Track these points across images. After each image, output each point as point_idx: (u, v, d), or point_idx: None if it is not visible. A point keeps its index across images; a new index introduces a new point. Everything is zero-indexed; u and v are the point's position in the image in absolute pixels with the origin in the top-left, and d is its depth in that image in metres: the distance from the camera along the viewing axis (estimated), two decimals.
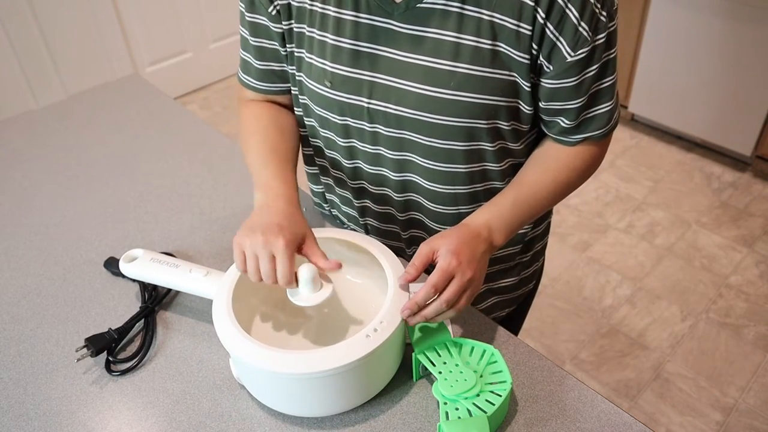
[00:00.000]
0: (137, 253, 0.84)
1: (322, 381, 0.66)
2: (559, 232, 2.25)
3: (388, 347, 0.67)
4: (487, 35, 0.69)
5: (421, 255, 0.70)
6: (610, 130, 0.78)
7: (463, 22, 0.69)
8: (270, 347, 0.65)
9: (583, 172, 0.81)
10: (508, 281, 0.96)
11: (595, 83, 0.73)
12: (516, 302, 1.01)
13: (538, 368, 0.75)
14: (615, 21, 0.70)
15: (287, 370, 0.64)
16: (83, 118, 1.27)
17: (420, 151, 0.79)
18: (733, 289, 2.02)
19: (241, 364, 0.69)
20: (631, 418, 0.70)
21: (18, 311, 0.86)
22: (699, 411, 1.67)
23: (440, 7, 0.69)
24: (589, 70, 0.71)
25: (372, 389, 0.72)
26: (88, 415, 0.72)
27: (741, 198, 2.37)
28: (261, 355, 0.65)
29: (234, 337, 0.67)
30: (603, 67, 0.72)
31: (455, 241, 0.70)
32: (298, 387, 0.67)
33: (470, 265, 0.69)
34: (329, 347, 0.65)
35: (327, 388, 0.67)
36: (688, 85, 2.45)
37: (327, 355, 0.65)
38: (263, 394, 0.71)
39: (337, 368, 0.64)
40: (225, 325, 0.69)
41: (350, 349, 0.65)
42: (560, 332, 1.91)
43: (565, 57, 0.69)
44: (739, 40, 2.24)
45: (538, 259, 1.00)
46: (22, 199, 1.06)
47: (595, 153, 0.80)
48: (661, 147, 2.65)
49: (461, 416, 0.65)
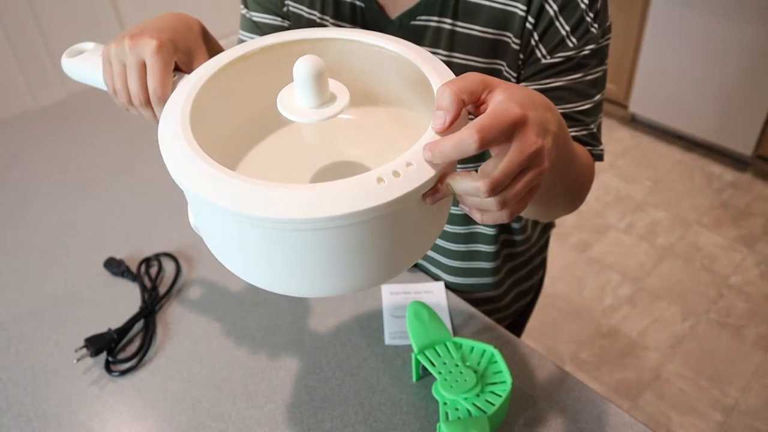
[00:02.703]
0: (87, 46, 0.64)
1: (294, 237, 0.43)
2: (559, 232, 2.25)
3: (410, 205, 0.44)
4: (479, 53, 0.67)
5: (467, 81, 0.43)
6: (599, 156, 0.69)
7: (454, 40, 0.67)
8: (233, 175, 0.43)
9: (589, 176, 0.69)
10: (496, 295, 0.94)
11: (568, 100, 0.65)
12: (512, 317, 1.00)
13: (538, 368, 0.75)
14: (607, 37, 0.66)
15: (245, 210, 0.41)
16: (83, 118, 1.27)
17: None
18: (734, 289, 2.02)
19: (192, 201, 0.48)
20: (632, 419, 0.69)
21: (18, 311, 0.86)
22: (699, 411, 1.67)
23: (434, 24, 0.67)
24: (563, 79, 0.65)
25: (385, 266, 0.47)
26: (88, 415, 0.72)
27: (741, 198, 2.37)
28: (215, 185, 0.42)
29: (183, 154, 0.45)
30: (580, 87, 0.65)
31: (521, 91, 0.44)
32: (259, 240, 0.44)
33: (540, 131, 0.43)
34: (311, 186, 0.42)
35: (302, 251, 0.44)
36: (688, 85, 2.45)
37: (304, 197, 0.41)
38: (221, 249, 0.50)
39: (316, 220, 0.40)
40: (173, 137, 0.46)
41: (347, 194, 0.41)
42: (560, 332, 1.91)
43: (540, 59, 0.65)
44: (739, 40, 2.23)
45: (536, 274, 0.98)
46: (22, 199, 1.06)
47: (591, 165, 0.70)
48: (662, 147, 2.65)
49: (461, 416, 0.65)
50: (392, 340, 0.79)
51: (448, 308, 0.83)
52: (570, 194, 0.66)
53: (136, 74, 0.54)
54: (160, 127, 0.49)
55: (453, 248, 0.86)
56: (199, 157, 0.44)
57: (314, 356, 0.78)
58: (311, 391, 0.74)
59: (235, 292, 0.87)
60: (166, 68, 0.54)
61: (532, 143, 0.42)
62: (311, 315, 0.83)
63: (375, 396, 0.73)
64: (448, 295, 0.85)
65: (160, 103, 0.54)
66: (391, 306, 0.83)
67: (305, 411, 0.72)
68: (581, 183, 0.66)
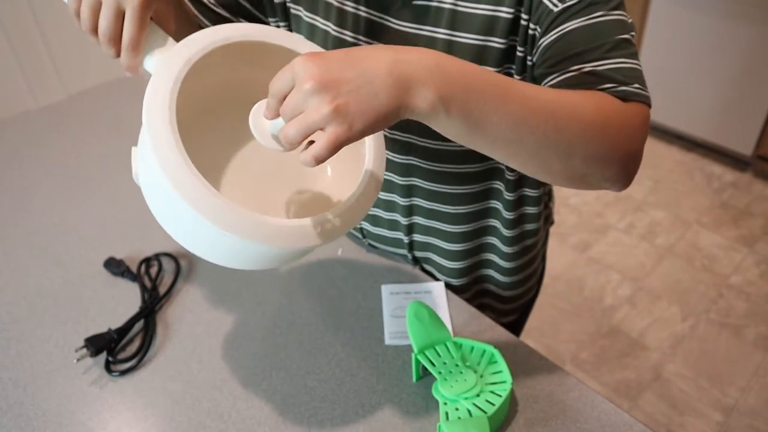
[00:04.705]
0: None
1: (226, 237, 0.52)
2: (559, 232, 2.25)
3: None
4: (479, 30, 0.67)
5: (274, 82, 0.50)
6: (628, 92, 0.58)
7: (456, 19, 0.67)
8: (204, 183, 0.50)
9: (595, 111, 0.56)
10: (496, 290, 0.94)
11: (595, 37, 0.60)
12: (511, 314, 1.00)
13: (538, 368, 0.75)
14: None
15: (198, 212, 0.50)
16: (83, 118, 1.27)
17: (420, 153, 0.78)
18: (734, 289, 2.02)
19: (142, 151, 0.55)
20: (632, 419, 0.69)
21: (18, 311, 0.86)
22: (699, 411, 1.67)
23: (435, 4, 0.67)
24: (581, 20, 0.60)
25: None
26: (88, 415, 0.72)
27: (741, 198, 2.37)
28: (184, 179, 0.50)
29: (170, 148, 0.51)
30: (603, 23, 0.59)
31: (327, 52, 0.49)
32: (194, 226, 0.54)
33: (325, 70, 0.46)
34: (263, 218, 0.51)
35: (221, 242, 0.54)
36: (688, 85, 2.45)
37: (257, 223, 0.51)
38: (157, 210, 0.59)
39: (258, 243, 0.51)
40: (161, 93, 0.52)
41: (292, 231, 0.52)
42: (560, 332, 1.91)
43: (551, 9, 0.61)
44: (739, 40, 2.24)
45: (534, 272, 0.98)
46: (22, 199, 1.06)
47: (608, 106, 0.57)
48: (661, 147, 2.65)
49: (461, 416, 0.65)
50: (392, 340, 0.79)
51: (448, 308, 0.83)
52: (558, 135, 0.54)
53: (111, 15, 0.53)
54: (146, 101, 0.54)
55: (462, 230, 0.86)
56: (189, 168, 0.50)
57: (314, 356, 0.78)
58: (311, 391, 0.74)
59: (235, 292, 0.87)
60: (142, 20, 0.54)
61: (307, 86, 0.46)
62: (311, 315, 0.83)
63: (375, 396, 0.73)
64: (448, 295, 0.85)
65: (130, 53, 0.54)
66: (391, 306, 0.83)
67: (305, 411, 0.72)
68: (563, 119, 0.54)
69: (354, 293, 0.86)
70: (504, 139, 0.53)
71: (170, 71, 0.53)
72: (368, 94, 0.47)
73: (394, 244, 0.91)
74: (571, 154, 0.56)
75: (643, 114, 0.58)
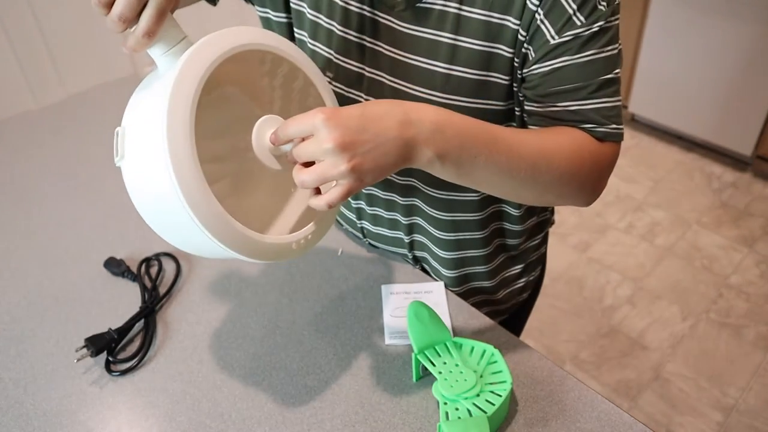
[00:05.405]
0: None
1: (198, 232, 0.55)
2: (559, 232, 2.25)
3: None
4: (483, 37, 0.67)
5: (292, 124, 0.57)
6: (604, 133, 0.67)
7: (460, 23, 0.68)
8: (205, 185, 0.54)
9: (570, 159, 0.65)
10: (489, 285, 0.94)
11: (584, 76, 0.65)
12: (508, 312, 0.99)
13: (538, 368, 0.75)
14: (616, 16, 0.65)
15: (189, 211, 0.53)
16: (83, 118, 1.27)
17: (421, 174, 0.79)
18: (734, 289, 2.02)
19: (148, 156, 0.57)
20: (631, 419, 0.69)
21: (18, 311, 0.86)
22: (699, 411, 1.67)
23: (439, 7, 0.68)
24: (574, 57, 0.64)
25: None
26: (88, 415, 0.72)
27: (741, 198, 2.37)
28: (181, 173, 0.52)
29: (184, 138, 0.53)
30: (593, 62, 0.64)
31: (345, 110, 0.55)
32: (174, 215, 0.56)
33: (345, 132, 0.53)
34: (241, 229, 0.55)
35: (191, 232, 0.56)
36: (688, 85, 2.45)
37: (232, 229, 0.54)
38: (132, 189, 0.64)
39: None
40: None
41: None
42: (560, 332, 1.91)
43: (548, 40, 0.64)
44: (739, 40, 2.24)
45: (533, 270, 0.98)
46: (22, 199, 1.06)
47: (585, 148, 0.66)
48: (661, 147, 2.65)
49: (461, 416, 0.65)
50: (392, 340, 0.79)
51: (448, 308, 0.83)
52: (535, 181, 0.64)
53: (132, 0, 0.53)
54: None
55: (443, 237, 0.87)
56: (194, 158, 0.53)
57: (314, 356, 0.78)
58: (311, 391, 0.74)
59: (235, 292, 0.87)
60: (164, 15, 0.55)
61: (328, 145, 0.53)
62: (311, 315, 0.83)
63: (375, 396, 0.73)
64: (448, 295, 0.85)
65: (143, 39, 0.54)
66: (391, 306, 0.83)
67: (305, 411, 0.72)
68: (542, 169, 0.64)
69: (354, 293, 0.86)
70: (488, 182, 0.64)
71: (194, 78, 0.54)
72: (381, 154, 0.55)
73: (395, 243, 0.91)
74: (544, 193, 0.67)
75: (615, 153, 0.69)
